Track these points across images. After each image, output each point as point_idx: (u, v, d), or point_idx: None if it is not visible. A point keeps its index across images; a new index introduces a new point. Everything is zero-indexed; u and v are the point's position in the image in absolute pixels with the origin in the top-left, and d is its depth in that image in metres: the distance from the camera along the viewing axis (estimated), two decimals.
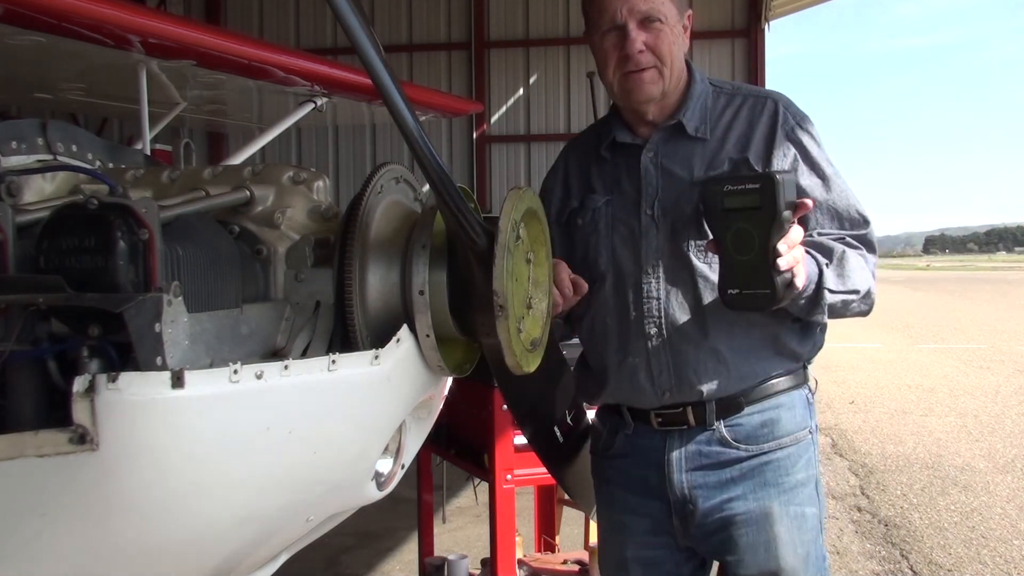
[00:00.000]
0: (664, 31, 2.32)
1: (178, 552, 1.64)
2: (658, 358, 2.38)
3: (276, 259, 1.95)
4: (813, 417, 2.48)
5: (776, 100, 2.42)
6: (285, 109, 7.11)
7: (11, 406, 1.59)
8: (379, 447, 1.96)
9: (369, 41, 1.57)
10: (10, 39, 4.72)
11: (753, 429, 2.38)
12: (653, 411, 2.42)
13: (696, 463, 2.39)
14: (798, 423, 2.42)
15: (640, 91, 2.35)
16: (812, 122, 2.43)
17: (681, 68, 2.41)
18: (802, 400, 2.45)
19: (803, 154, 2.37)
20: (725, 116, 2.41)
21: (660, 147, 2.42)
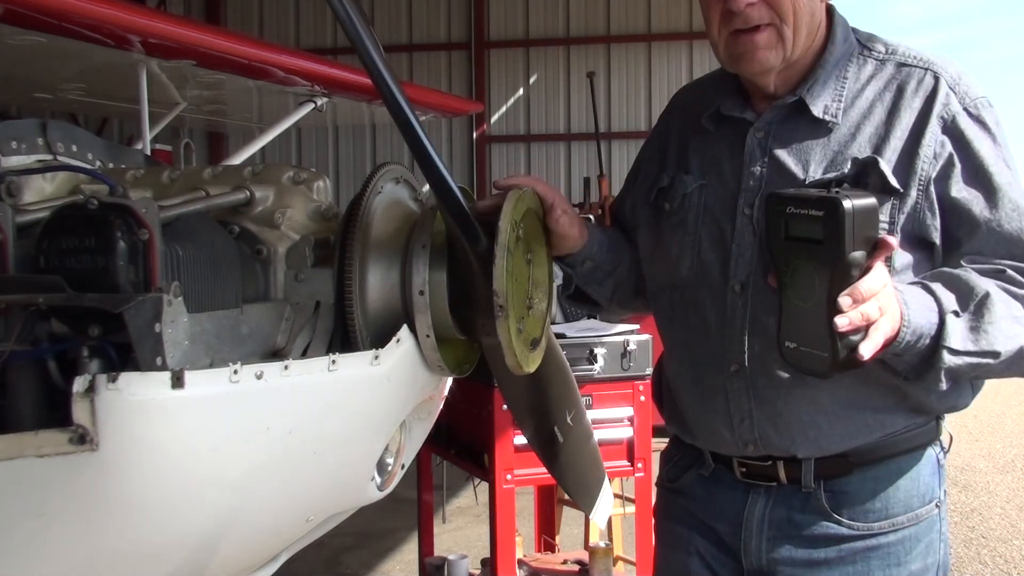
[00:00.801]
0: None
1: (178, 552, 1.64)
2: (739, 403, 1.89)
3: (276, 259, 1.95)
4: (942, 484, 1.97)
5: (939, 74, 1.80)
6: (285, 109, 7.11)
7: (11, 406, 1.59)
8: (379, 447, 1.96)
9: (369, 41, 1.57)
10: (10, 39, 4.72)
11: (862, 499, 1.86)
12: (736, 458, 1.95)
13: (783, 532, 1.89)
14: (922, 494, 1.91)
15: (752, 59, 1.80)
16: (991, 106, 1.82)
17: (814, 25, 1.82)
18: (931, 464, 1.93)
19: (964, 153, 1.77)
20: (867, 93, 1.83)
21: (774, 128, 1.87)
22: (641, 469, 3.54)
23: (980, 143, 1.77)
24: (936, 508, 1.94)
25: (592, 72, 13.40)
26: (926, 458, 1.92)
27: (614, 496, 3.18)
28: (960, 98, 1.78)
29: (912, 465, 1.90)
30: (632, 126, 14.38)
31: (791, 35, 1.78)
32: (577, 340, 3.46)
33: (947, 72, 1.81)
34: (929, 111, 1.77)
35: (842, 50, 1.86)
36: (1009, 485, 7.19)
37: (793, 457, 1.87)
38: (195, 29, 5.77)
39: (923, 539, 1.91)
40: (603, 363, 3.43)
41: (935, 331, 1.65)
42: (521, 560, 3.89)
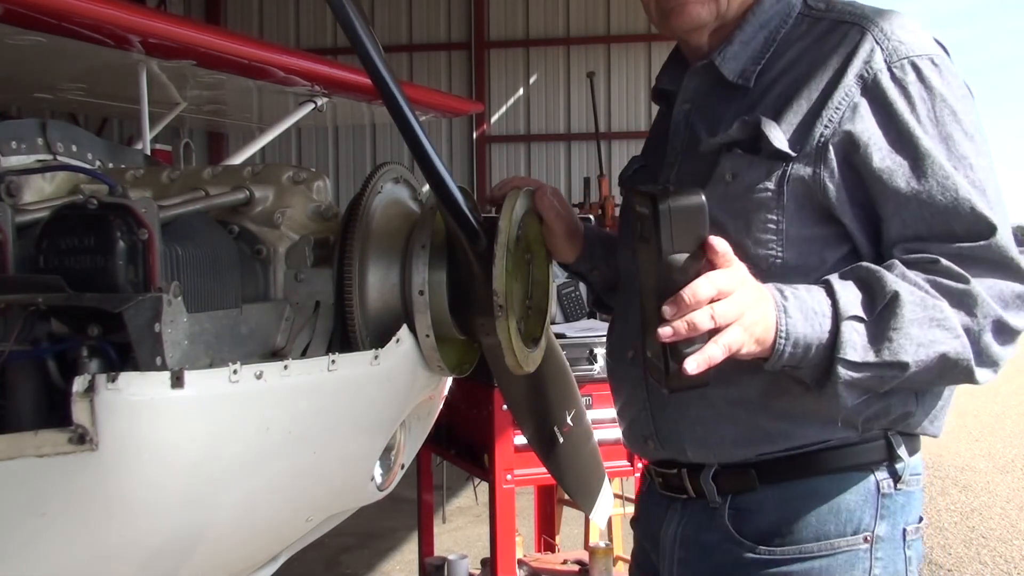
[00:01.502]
0: None
1: (178, 552, 1.64)
2: (636, 392, 1.76)
3: (276, 259, 1.95)
4: (885, 517, 1.58)
5: (867, 28, 1.56)
6: (285, 109, 7.11)
7: (11, 406, 1.59)
8: (379, 447, 1.96)
9: (369, 41, 1.57)
10: (10, 39, 4.72)
11: (768, 520, 1.60)
12: (653, 466, 1.80)
13: (691, 552, 1.70)
14: (842, 522, 1.57)
15: (680, 13, 1.64)
16: (935, 65, 1.53)
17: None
18: (863, 490, 1.58)
19: (884, 118, 1.51)
20: (789, 53, 1.63)
21: (697, 98, 1.72)
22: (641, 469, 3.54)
23: (902, 105, 1.50)
24: (864, 542, 1.56)
25: (592, 72, 13.41)
26: (856, 482, 1.57)
27: (614, 496, 3.18)
28: (887, 54, 1.52)
29: (832, 487, 1.57)
30: (632, 126, 14.37)
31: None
32: (577, 340, 3.46)
33: (879, 26, 1.55)
34: (845, 69, 1.53)
35: (774, 10, 1.66)
36: (1009, 485, 7.19)
37: (695, 464, 1.67)
38: (195, 29, 5.77)
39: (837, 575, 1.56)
40: (603, 363, 3.43)
41: (828, 340, 1.41)
42: (521, 560, 3.89)
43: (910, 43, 1.54)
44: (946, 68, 1.53)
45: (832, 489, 1.57)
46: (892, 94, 1.51)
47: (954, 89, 1.53)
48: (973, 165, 1.49)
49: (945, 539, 5.80)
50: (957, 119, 1.51)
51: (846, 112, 1.51)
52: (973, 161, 1.50)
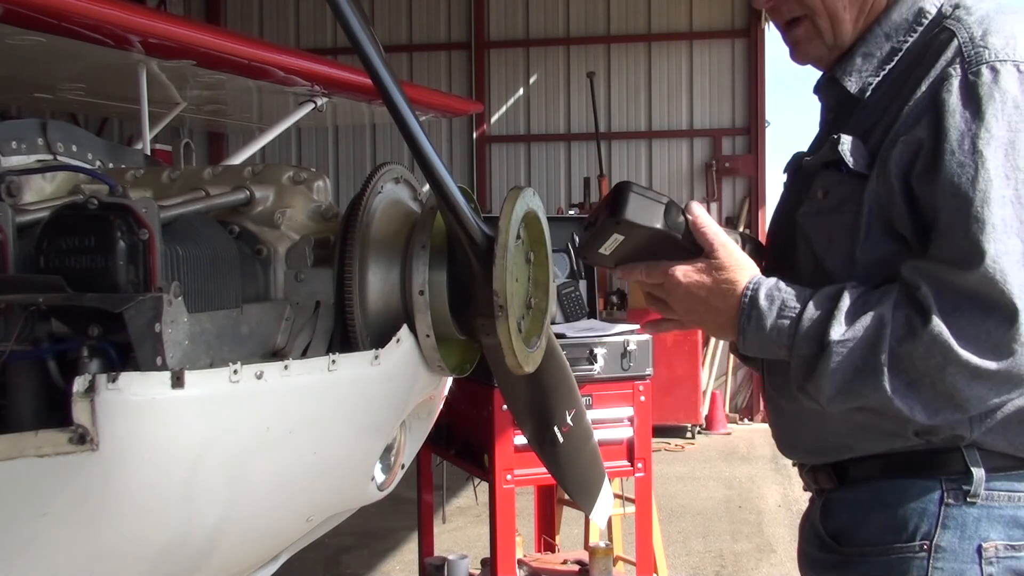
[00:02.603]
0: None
1: (178, 552, 1.64)
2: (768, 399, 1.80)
3: (276, 259, 1.95)
4: (950, 529, 1.53)
5: (956, 31, 1.49)
6: (285, 109, 7.11)
7: (11, 406, 1.59)
8: (379, 447, 1.96)
9: (369, 41, 1.57)
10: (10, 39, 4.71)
11: (843, 517, 1.64)
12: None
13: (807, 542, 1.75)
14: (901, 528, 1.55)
15: (796, 51, 1.70)
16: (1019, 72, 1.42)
17: (863, 6, 1.63)
18: (925, 499, 1.54)
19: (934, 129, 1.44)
20: (903, 62, 1.58)
21: (836, 108, 1.71)
22: (641, 469, 3.54)
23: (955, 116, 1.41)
24: (922, 550, 1.52)
25: (592, 72, 13.40)
26: (919, 490, 1.55)
27: (614, 496, 3.18)
28: (967, 60, 1.43)
29: (895, 493, 1.57)
30: (632, 126, 14.36)
31: (828, 25, 1.63)
32: (577, 340, 3.46)
33: (969, 28, 1.47)
34: (923, 78, 1.48)
35: (901, 18, 1.60)
36: None
37: (811, 465, 1.72)
38: (195, 29, 5.77)
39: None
40: (603, 363, 3.42)
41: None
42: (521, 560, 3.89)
43: (996, 46, 1.43)
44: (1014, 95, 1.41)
45: (895, 495, 1.56)
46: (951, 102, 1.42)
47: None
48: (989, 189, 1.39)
49: None
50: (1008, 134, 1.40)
51: (912, 122, 1.46)
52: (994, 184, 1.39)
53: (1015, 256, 1.36)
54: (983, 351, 1.37)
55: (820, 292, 1.50)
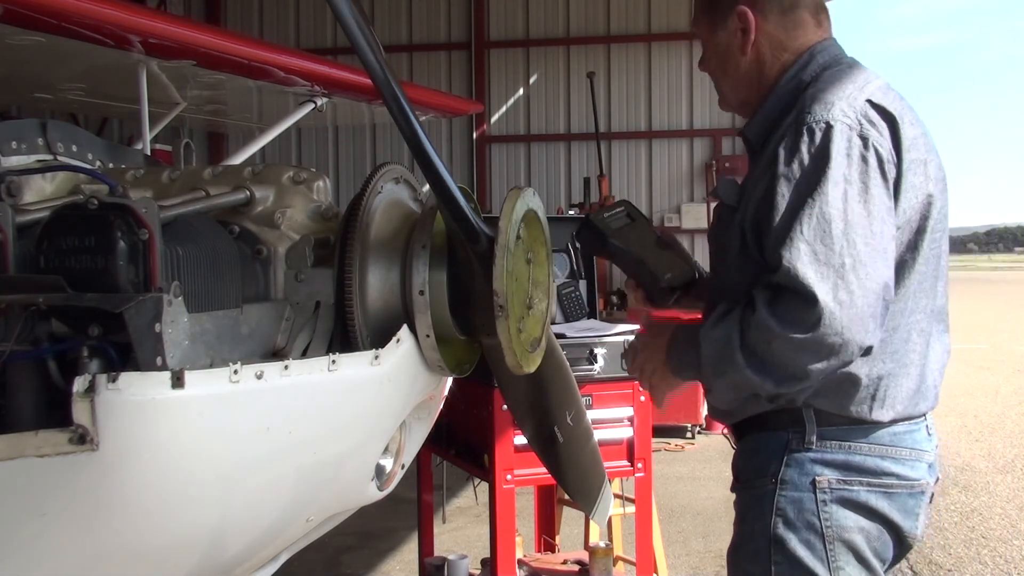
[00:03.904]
0: (706, 56, 2.15)
1: (178, 552, 1.64)
2: None
3: (276, 259, 1.95)
4: (792, 467, 1.98)
5: (805, 96, 1.95)
6: (285, 109, 7.11)
7: (11, 406, 1.59)
8: (379, 447, 1.96)
9: (369, 41, 1.57)
10: (10, 39, 4.72)
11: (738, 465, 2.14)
12: None
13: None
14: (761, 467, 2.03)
15: (720, 104, 2.25)
16: (829, 128, 1.86)
17: (738, 75, 2.09)
18: (777, 445, 2.00)
19: (772, 174, 1.90)
20: (777, 121, 2.00)
21: (749, 154, 2.16)
22: (641, 469, 3.53)
23: (780, 165, 1.88)
24: (773, 483, 2.00)
25: (592, 72, 13.39)
26: (773, 439, 2.02)
27: (614, 496, 3.18)
28: (799, 123, 1.90)
29: (760, 442, 2.05)
30: (632, 126, 14.37)
31: (727, 90, 2.17)
32: (577, 340, 3.46)
33: (805, 98, 1.95)
34: (780, 138, 1.93)
35: (787, 88, 2.05)
36: (1009, 485, 7.19)
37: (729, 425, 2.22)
38: (195, 29, 5.77)
39: (755, 506, 2.04)
40: (603, 363, 3.42)
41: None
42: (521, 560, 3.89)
43: (816, 112, 1.90)
44: (833, 126, 1.87)
45: (761, 444, 2.05)
46: (780, 156, 1.90)
47: (839, 148, 1.86)
48: (791, 215, 1.85)
49: (945, 539, 5.80)
50: (817, 176, 1.86)
51: (763, 171, 1.94)
52: (795, 211, 1.85)
53: (806, 257, 1.80)
54: (796, 327, 1.79)
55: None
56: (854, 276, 1.80)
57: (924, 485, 2.01)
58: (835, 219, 1.82)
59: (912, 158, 1.94)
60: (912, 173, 1.94)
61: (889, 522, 1.98)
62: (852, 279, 1.80)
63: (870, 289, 1.81)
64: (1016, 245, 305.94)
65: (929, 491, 2.03)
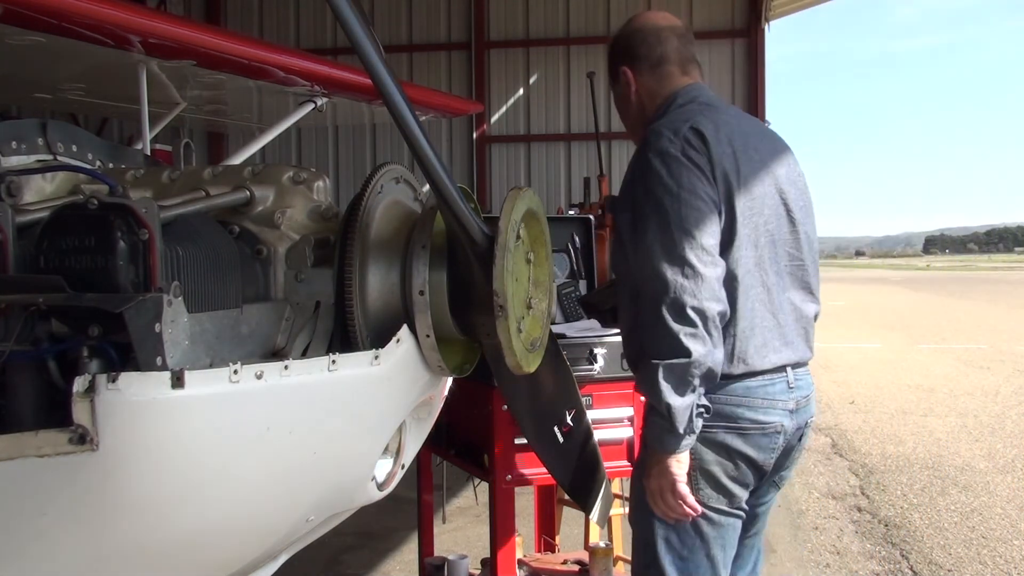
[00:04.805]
0: (615, 104, 2.74)
1: (178, 552, 1.64)
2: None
3: (276, 259, 1.95)
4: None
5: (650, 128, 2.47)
6: (285, 109, 7.10)
7: (11, 406, 1.59)
8: (379, 447, 1.96)
9: (369, 41, 1.57)
10: (10, 39, 4.71)
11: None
12: None
13: None
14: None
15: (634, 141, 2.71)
16: (655, 142, 2.37)
17: (631, 116, 2.69)
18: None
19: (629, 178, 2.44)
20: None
21: None
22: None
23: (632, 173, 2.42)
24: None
25: (592, 72, 13.34)
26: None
27: (614, 496, 3.18)
28: (643, 145, 2.42)
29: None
30: None
31: (627, 126, 2.71)
32: (577, 340, 3.46)
33: (654, 127, 2.45)
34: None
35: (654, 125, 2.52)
36: (1009, 485, 7.18)
37: None
38: (195, 29, 5.76)
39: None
40: (603, 363, 3.42)
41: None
42: (521, 560, 3.89)
43: (650, 141, 2.39)
44: (657, 141, 2.38)
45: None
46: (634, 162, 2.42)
47: (656, 153, 2.36)
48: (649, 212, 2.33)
49: (945, 539, 5.80)
50: (655, 180, 2.34)
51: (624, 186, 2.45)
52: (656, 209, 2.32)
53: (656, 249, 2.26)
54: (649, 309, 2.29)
55: None
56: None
57: (778, 427, 2.43)
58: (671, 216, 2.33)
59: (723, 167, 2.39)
60: (721, 177, 2.37)
61: (745, 456, 2.41)
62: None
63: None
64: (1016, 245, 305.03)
65: (787, 432, 2.46)
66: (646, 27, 2.65)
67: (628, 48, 2.64)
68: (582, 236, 4.19)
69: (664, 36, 2.63)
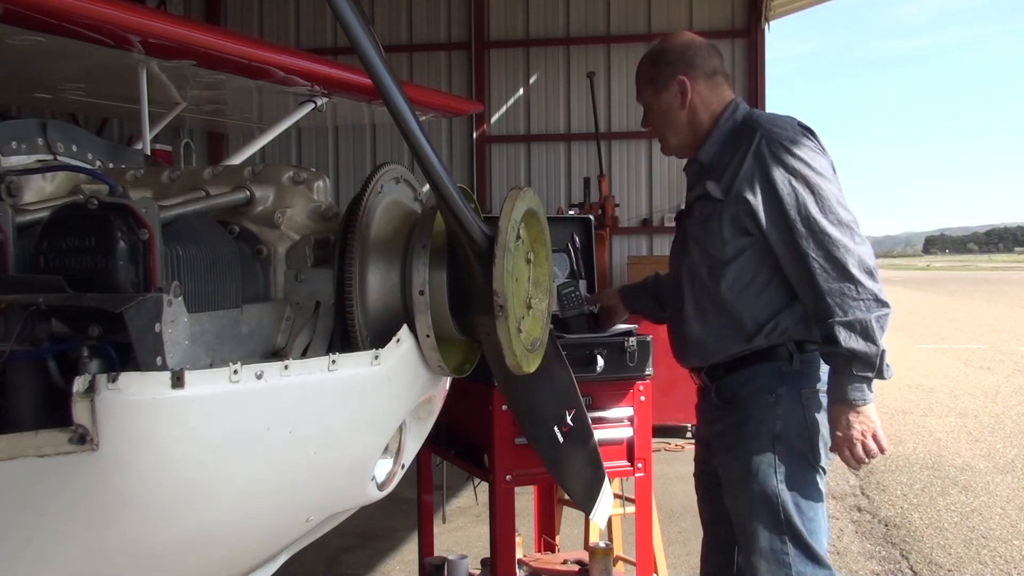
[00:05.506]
0: (652, 113, 2.93)
1: (178, 552, 1.64)
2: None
3: (276, 259, 1.95)
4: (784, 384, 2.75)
5: (758, 127, 2.71)
6: (285, 109, 7.10)
7: (11, 406, 1.59)
8: (379, 447, 1.96)
9: (369, 41, 1.57)
10: (10, 39, 4.72)
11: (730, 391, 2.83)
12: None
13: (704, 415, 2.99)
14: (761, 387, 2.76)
15: (663, 149, 3.01)
16: (792, 142, 2.65)
17: (679, 126, 2.88)
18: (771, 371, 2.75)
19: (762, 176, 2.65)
20: (730, 145, 2.78)
21: (692, 174, 2.95)
22: (641, 469, 3.53)
23: (774, 170, 2.64)
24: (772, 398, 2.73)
25: (592, 72, 13.39)
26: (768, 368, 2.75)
27: (614, 496, 3.18)
28: (767, 141, 2.66)
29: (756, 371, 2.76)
30: (632, 126, 14.36)
31: (672, 138, 2.93)
32: (577, 340, 3.46)
33: (765, 124, 2.71)
34: (748, 150, 2.68)
35: (727, 126, 2.83)
36: (1009, 485, 7.18)
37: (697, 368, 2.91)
38: (195, 29, 5.76)
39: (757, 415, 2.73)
40: (603, 363, 3.42)
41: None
42: (521, 560, 3.88)
43: (781, 131, 2.69)
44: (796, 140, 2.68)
45: (755, 372, 2.76)
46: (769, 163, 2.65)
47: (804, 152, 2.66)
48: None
49: (945, 539, 5.80)
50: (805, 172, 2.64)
51: (749, 174, 2.67)
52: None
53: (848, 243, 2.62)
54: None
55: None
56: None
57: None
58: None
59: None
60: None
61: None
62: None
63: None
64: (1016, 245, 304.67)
65: None
66: (696, 41, 2.91)
67: (684, 58, 2.86)
68: (582, 236, 4.19)
69: (713, 51, 2.91)
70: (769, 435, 2.70)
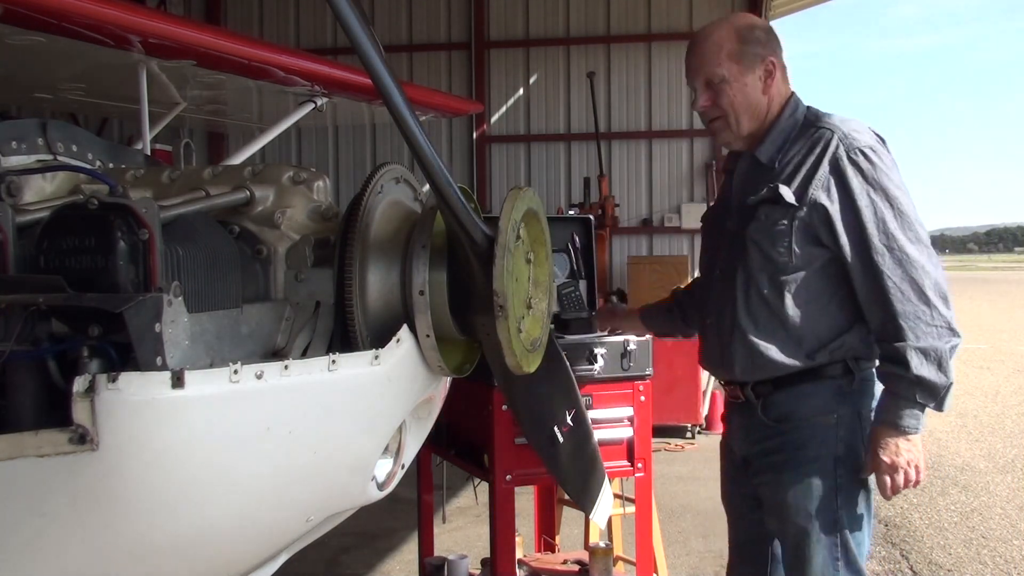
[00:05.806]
0: (724, 88, 2.64)
1: (178, 552, 1.64)
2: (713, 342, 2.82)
3: (276, 259, 1.95)
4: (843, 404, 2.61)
5: (834, 130, 2.56)
6: (285, 109, 7.09)
7: (11, 406, 1.59)
8: (379, 447, 1.96)
9: (369, 41, 1.57)
10: (10, 39, 4.71)
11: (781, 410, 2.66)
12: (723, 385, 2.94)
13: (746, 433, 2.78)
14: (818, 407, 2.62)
15: (716, 138, 2.81)
16: (873, 151, 2.51)
17: (759, 111, 2.67)
18: (832, 388, 2.61)
19: (841, 185, 2.51)
20: (796, 146, 2.62)
21: (744, 172, 2.76)
22: (641, 469, 3.53)
23: (853, 178, 2.51)
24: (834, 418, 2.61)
25: (592, 72, 13.37)
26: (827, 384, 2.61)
27: (614, 496, 3.18)
28: (846, 147, 2.52)
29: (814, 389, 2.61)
30: (632, 126, 14.36)
31: (735, 122, 2.67)
32: (577, 340, 3.46)
33: (841, 128, 2.56)
34: (823, 155, 2.54)
35: (787, 123, 2.67)
36: (1009, 485, 7.19)
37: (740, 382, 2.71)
38: (195, 29, 5.76)
39: (818, 435, 2.60)
40: (603, 363, 3.41)
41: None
42: (521, 560, 3.88)
43: (858, 139, 2.54)
44: (875, 150, 2.54)
45: (814, 389, 2.61)
46: (847, 171, 2.51)
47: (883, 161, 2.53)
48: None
49: (945, 539, 5.80)
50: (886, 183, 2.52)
51: (825, 182, 2.53)
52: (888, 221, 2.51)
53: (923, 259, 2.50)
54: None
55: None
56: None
57: None
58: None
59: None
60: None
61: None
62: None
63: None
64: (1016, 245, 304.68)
65: None
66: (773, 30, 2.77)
67: (772, 40, 2.68)
68: (582, 236, 4.19)
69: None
70: (831, 458, 2.58)
